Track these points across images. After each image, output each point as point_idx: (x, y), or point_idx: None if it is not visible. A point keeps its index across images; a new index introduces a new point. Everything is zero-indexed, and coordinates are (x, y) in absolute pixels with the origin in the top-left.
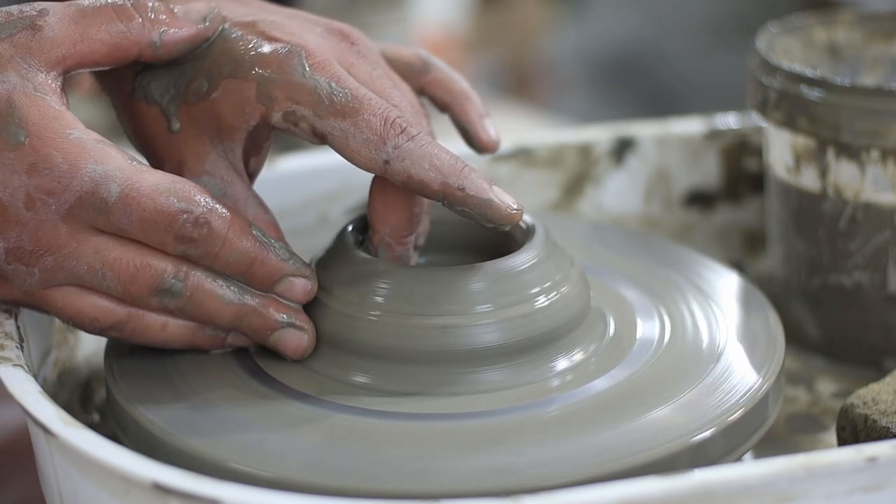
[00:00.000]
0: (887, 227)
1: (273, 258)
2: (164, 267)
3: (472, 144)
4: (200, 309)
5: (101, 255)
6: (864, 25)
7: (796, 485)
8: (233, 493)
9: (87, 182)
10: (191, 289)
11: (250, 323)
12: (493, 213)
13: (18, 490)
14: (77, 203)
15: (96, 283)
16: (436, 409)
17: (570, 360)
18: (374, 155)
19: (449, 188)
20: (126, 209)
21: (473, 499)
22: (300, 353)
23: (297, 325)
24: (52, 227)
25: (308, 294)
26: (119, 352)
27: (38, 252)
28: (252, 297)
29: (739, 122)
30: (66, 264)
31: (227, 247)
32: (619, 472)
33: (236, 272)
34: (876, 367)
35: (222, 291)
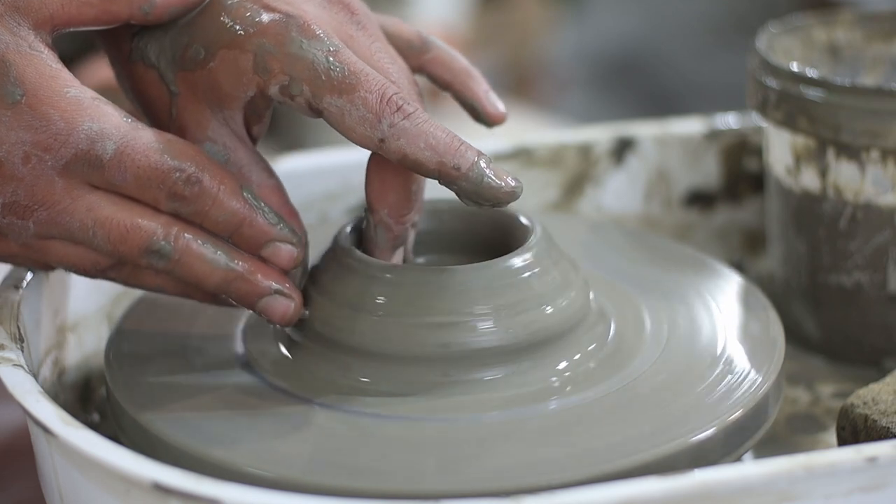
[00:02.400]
0: (887, 227)
1: (261, 221)
2: (155, 228)
3: (481, 119)
4: (188, 272)
5: (94, 213)
6: (864, 25)
7: (796, 485)
8: (233, 493)
9: (84, 139)
10: (179, 252)
11: (238, 288)
12: (488, 191)
13: (18, 490)
14: (73, 159)
15: (87, 241)
16: (436, 409)
17: (570, 361)
18: (369, 133)
19: (444, 167)
20: (121, 166)
21: (473, 499)
22: (287, 320)
23: (284, 293)
24: (47, 182)
25: (293, 261)
26: (119, 352)
27: (32, 206)
28: (240, 262)
29: (739, 122)
30: (59, 220)
31: (216, 206)
32: (619, 472)
33: (225, 232)
34: (876, 367)
35: (211, 256)
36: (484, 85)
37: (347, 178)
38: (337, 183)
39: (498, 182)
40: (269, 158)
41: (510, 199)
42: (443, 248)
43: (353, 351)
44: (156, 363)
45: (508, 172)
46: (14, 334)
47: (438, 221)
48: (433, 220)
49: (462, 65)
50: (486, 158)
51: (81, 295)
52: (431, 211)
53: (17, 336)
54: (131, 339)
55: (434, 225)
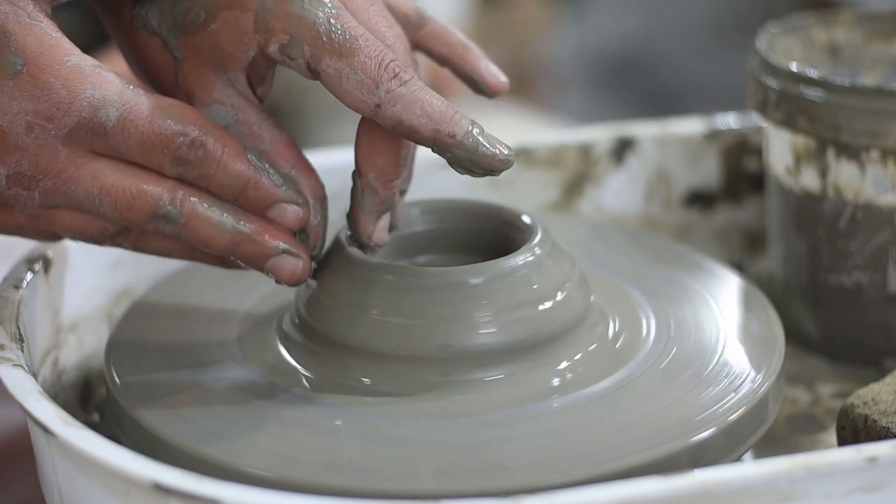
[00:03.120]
0: (887, 228)
1: (266, 183)
2: (161, 194)
3: (481, 91)
4: (195, 236)
5: (99, 180)
6: (864, 25)
7: (796, 485)
8: (233, 493)
9: (86, 107)
10: (186, 216)
11: (245, 250)
12: (482, 159)
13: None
14: (76, 128)
15: (93, 209)
16: (436, 409)
17: (570, 361)
18: (365, 98)
19: (439, 135)
20: (124, 133)
21: (473, 499)
22: (295, 279)
23: (292, 252)
24: (51, 152)
25: (299, 221)
26: (119, 352)
27: (37, 177)
28: (247, 224)
29: (739, 122)
30: (64, 189)
31: (221, 169)
32: (619, 472)
33: (230, 195)
34: (876, 367)
35: (217, 219)
36: (482, 57)
37: (347, 179)
38: (337, 183)
39: (492, 150)
40: None
41: (504, 167)
42: (443, 248)
43: (353, 351)
44: (155, 363)
45: (502, 141)
46: (14, 334)
47: (438, 221)
48: (433, 220)
49: (459, 39)
50: (480, 127)
51: (81, 295)
52: (432, 211)
53: (17, 336)
54: (131, 339)
55: (434, 225)
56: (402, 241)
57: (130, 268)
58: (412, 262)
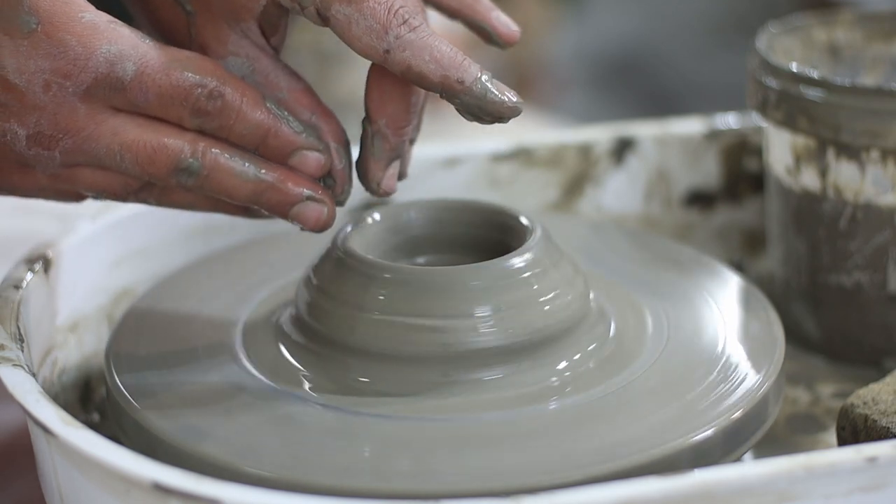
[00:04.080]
0: (887, 228)
1: (286, 130)
2: (182, 146)
3: (493, 41)
4: (218, 187)
5: (119, 136)
6: (864, 25)
7: (796, 485)
8: (233, 493)
9: (103, 62)
10: (208, 167)
11: (269, 199)
12: (491, 106)
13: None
14: (93, 84)
15: (115, 165)
16: (436, 409)
17: (570, 361)
18: (374, 43)
19: (448, 80)
20: (142, 86)
21: (473, 499)
22: (321, 225)
23: (316, 198)
24: (70, 109)
25: (322, 168)
26: (119, 351)
27: (57, 136)
28: (269, 172)
29: (739, 122)
30: (85, 147)
31: (241, 119)
32: (619, 472)
33: (251, 144)
34: (876, 367)
35: (240, 169)
36: (493, 7)
37: None
38: None
39: (501, 97)
40: None
41: (512, 114)
42: (443, 247)
43: (353, 351)
44: (155, 363)
45: (511, 89)
46: (14, 334)
47: (438, 221)
48: (433, 220)
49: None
50: (489, 74)
51: (81, 295)
52: (431, 211)
53: (17, 336)
54: (131, 339)
55: (434, 225)
56: (402, 241)
57: (130, 268)
58: (412, 262)
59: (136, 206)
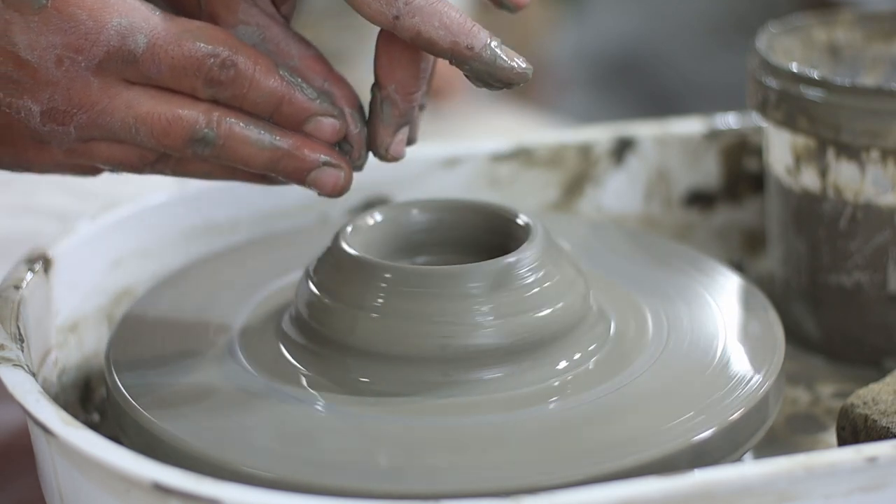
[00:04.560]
0: (887, 227)
1: (300, 97)
2: (196, 117)
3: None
4: (234, 155)
5: (134, 109)
6: (864, 25)
7: (796, 485)
8: (233, 493)
9: (114, 35)
10: (223, 137)
11: (286, 166)
12: (500, 72)
13: (18, 490)
14: (106, 57)
15: (131, 139)
16: (436, 409)
17: (570, 361)
18: (384, 9)
19: (458, 46)
20: (154, 58)
21: (473, 499)
22: (338, 190)
23: (332, 164)
24: (83, 84)
25: (337, 133)
26: (119, 351)
27: (71, 111)
28: (285, 139)
29: (739, 122)
30: (99, 121)
31: (254, 87)
32: (619, 472)
33: (265, 112)
34: (876, 367)
35: (255, 137)
36: None
37: None
38: None
39: (510, 63)
40: None
41: (521, 80)
42: (443, 247)
43: (353, 351)
44: (156, 363)
45: (519, 55)
46: (14, 334)
47: (439, 221)
48: (433, 219)
49: None
50: (498, 40)
51: (81, 295)
52: (431, 211)
53: (17, 336)
54: (131, 339)
55: (434, 225)
56: (402, 241)
57: (130, 268)
58: (412, 262)
59: (136, 206)
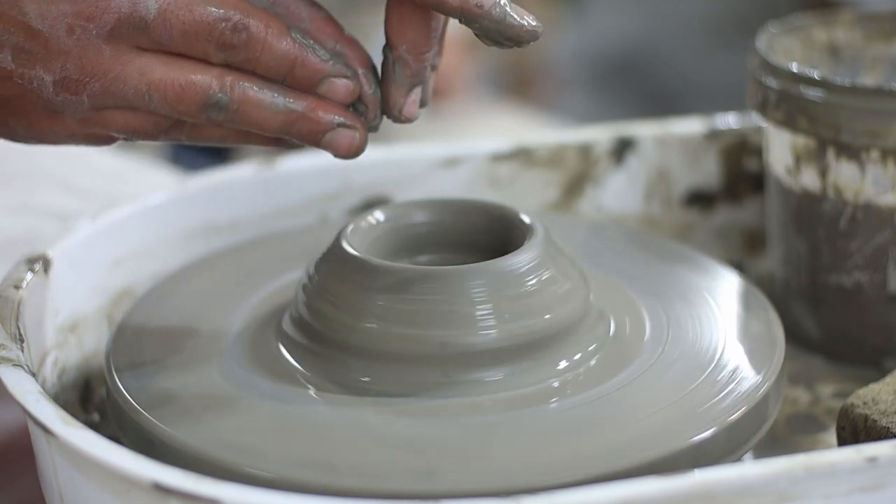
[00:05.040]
0: (887, 227)
1: (313, 59)
2: (209, 82)
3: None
4: (248, 119)
5: (146, 76)
6: (864, 25)
7: (796, 485)
8: (233, 493)
9: (125, 2)
10: (237, 101)
11: (300, 129)
12: (510, 30)
13: (18, 490)
14: (117, 24)
15: (144, 105)
16: (436, 409)
17: (570, 361)
18: None
19: (467, 5)
20: (166, 24)
21: (473, 499)
22: (354, 150)
23: (347, 125)
24: (95, 52)
25: (351, 94)
26: (119, 352)
27: (84, 80)
28: (298, 102)
29: (739, 122)
30: (113, 88)
31: (267, 50)
32: (619, 472)
33: (278, 75)
34: (876, 367)
35: (269, 100)
36: None
37: (347, 179)
38: (337, 183)
39: (520, 21)
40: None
41: (531, 37)
42: (443, 247)
43: (353, 351)
44: (156, 363)
45: (529, 13)
46: (14, 334)
47: (438, 221)
48: (433, 219)
49: None
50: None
51: (81, 295)
52: (432, 210)
53: (17, 336)
54: (131, 339)
55: (434, 224)
56: (403, 241)
57: (130, 268)
58: (412, 262)
59: (136, 205)
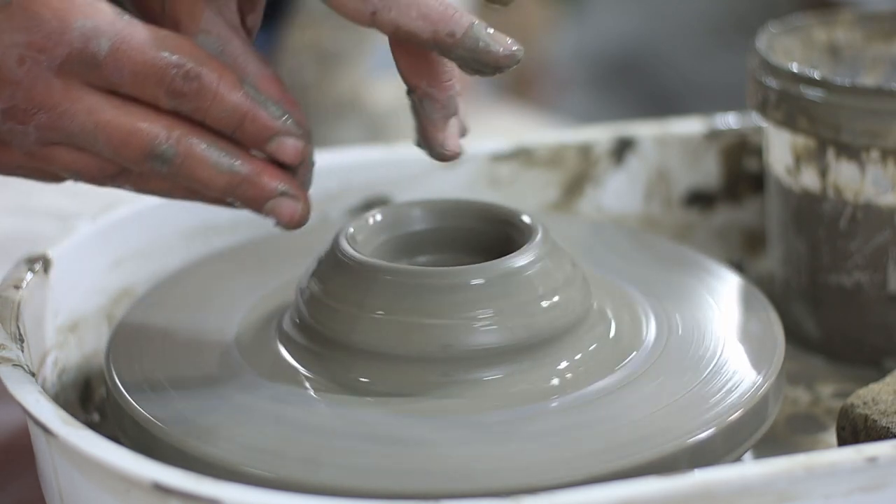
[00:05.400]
0: (887, 227)
1: (264, 115)
2: (157, 132)
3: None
4: (192, 175)
5: (95, 116)
6: (864, 25)
7: (796, 485)
8: (233, 493)
9: (78, 37)
10: (182, 155)
11: (244, 192)
12: (486, 56)
13: (18, 490)
14: (68, 59)
15: (90, 146)
16: (436, 409)
17: (570, 361)
18: (361, 6)
19: (439, 35)
20: (117, 63)
21: (473, 499)
22: (295, 221)
23: (291, 194)
24: (45, 84)
25: (300, 154)
26: (119, 352)
27: (31, 110)
28: (245, 164)
29: (739, 122)
30: (59, 123)
31: (217, 101)
32: (619, 472)
33: (228, 128)
34: (876, 367)
35: (215, 160)
36: None
37: (347, 179)
38: (337, 183)
39: (496, 46)
40: None
41: (511, 62)
42: (443, 248)
43: (353, 351)
44: (155, 363)
45: (508, 37)
46: (14, 334)
47: (439, 221)
48: (433, 220)
49: None
50: (482, 23)
51: (81, 295)
52: (432, 211)
53: (17, 336)
54: (131, 339)
55: (434, 225)
56: (403, 241)
57: (130, 268)
58: (412, 262)
59: (137, 206)
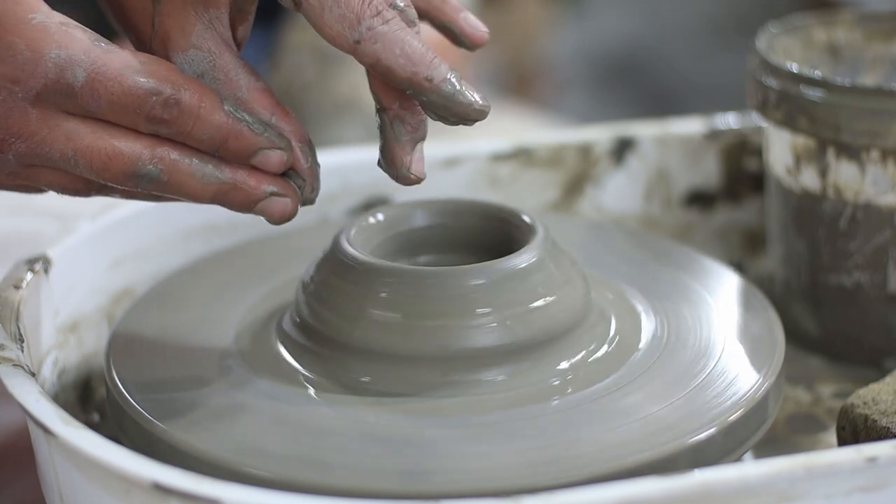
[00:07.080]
0: (887, 227)
1: (247, 132)
2: (139, 153)
3: (461, 42)
4: (180, 190)
5: (73, 142)
6: (864, 25)
7: (796, 485)
8: (233, 493)
9: (52, 68)
10: (167, 173)
11: (233, 198)
12: (458, 107)
13: (18, 490)
14: (43, 90)
15: (71, 169)
16: (436, 409)
17: (570, 361)
18: (346, 32)
19: (417, 77)
20: (94, 93)
21: (473, 499)
22: (286, 218)
23: (278, 193)
24: (21, 114)
25: (283, 164)
26: (119, 352)
27: (9, 139)
28: (230, 171)
29: (739, 122)
30: (38, 151)
31: (199, 124)
32: (619, 472)
33: (211, 148)
34: (876, 367)
35: (200, 172)
36: (460, 8)
37: (347, 179)
38: (337, 183)
39: (469, 98)
40: None
41: (479, 116)
42: (443, 248)
43: (353, 351)
44: (155, 363)
45: (479, 91)
46: (14, 334)
47: (439, 221)
48: (433, 219)
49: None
50: (458, 75)
51: (81, 295)
52: (432, 211)
53: (17, 336)
54: (131, 339)
55: (434, 225)
56: (403, 241)
57: (130, 268)
58: (412, 262)
59: (137, 206)
